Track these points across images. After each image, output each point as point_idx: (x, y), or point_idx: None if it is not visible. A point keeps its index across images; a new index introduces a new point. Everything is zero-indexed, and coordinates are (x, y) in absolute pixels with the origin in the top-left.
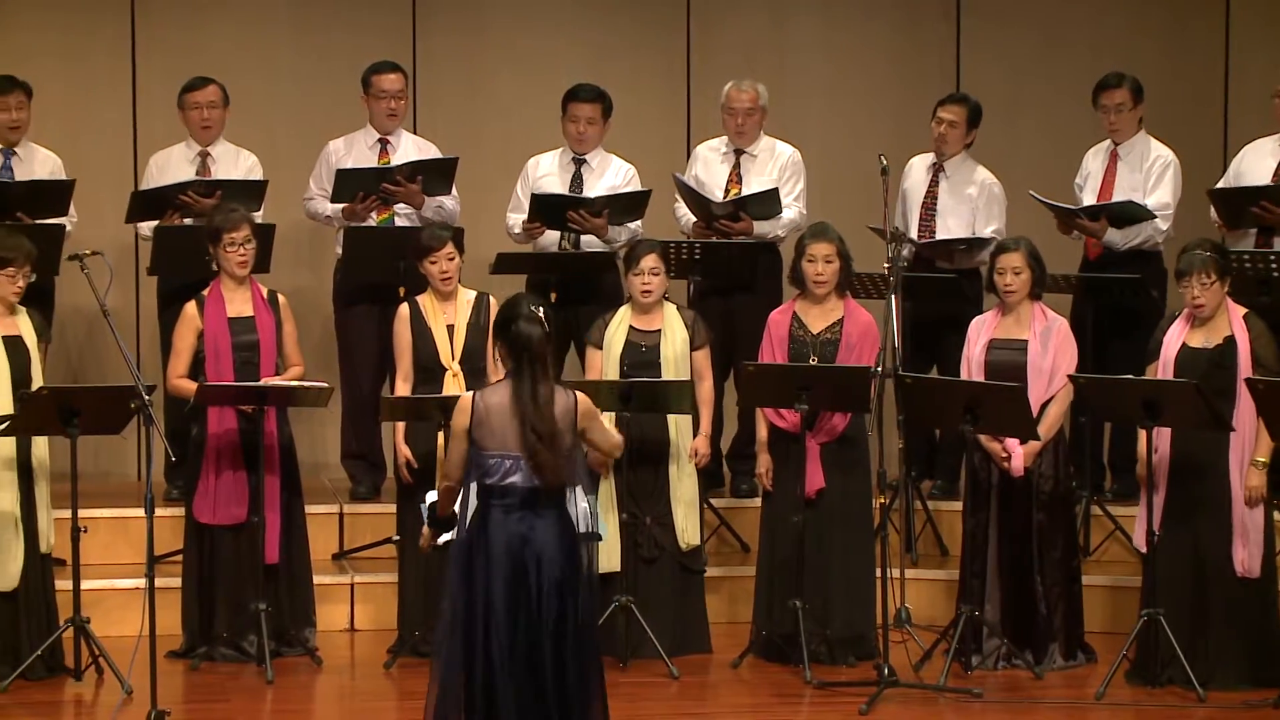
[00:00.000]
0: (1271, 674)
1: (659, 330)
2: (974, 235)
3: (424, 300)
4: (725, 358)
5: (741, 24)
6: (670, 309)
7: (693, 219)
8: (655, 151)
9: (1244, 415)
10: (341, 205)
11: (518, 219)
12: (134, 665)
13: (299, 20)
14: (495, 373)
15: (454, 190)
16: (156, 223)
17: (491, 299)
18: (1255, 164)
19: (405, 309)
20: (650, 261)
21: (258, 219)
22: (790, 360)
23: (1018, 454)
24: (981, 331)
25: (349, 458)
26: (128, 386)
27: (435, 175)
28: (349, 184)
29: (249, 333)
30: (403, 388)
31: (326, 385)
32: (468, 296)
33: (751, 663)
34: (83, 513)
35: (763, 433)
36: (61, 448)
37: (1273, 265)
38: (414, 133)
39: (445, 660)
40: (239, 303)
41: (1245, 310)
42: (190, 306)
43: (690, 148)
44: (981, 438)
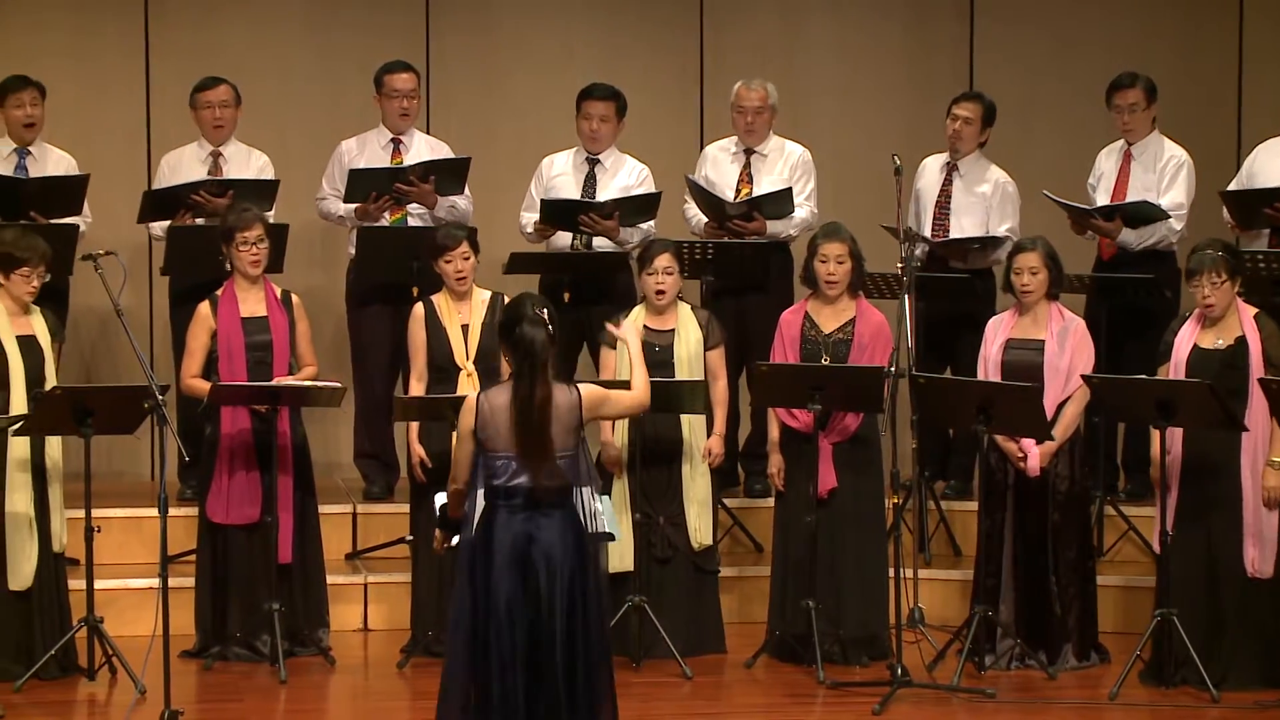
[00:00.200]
0: None
1: (673, 330)
2: (988, 234)
3: (439, 300)
4: (737, 358)
5: (754, 24)
6: (685, 309)
7: (703, 219)
8: (668, 152)
9: (1257, 415)
10: (354, 205)
11: (530, 218)
12: (147, 665)
13: (312, 20)
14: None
15: (467, 190)
16: (168, 222)
17: (506, 299)
18: (1268, 164)
19: (420, 308)
20: (664, 261)
21: (269, 219)
22: (802, 360)
23: (1034, 454)
24: (998, 331)
25: (362, 457)
26: (141, 386)
27: (448, 175)
28: (362, 184)
29: (262, 333)
30: (417, 387)
31: (340, 385)
32: (482, 296)
33: (765, 663)
34: (96, 512)
35: (774, 433)
36: (75, 447)
37: None
38: (427, 132)
39: (452, 661)
40: (252, 302)
41: (1256, 310)
42: (204, 306)
43: (703, 148)
44: (998, 438)
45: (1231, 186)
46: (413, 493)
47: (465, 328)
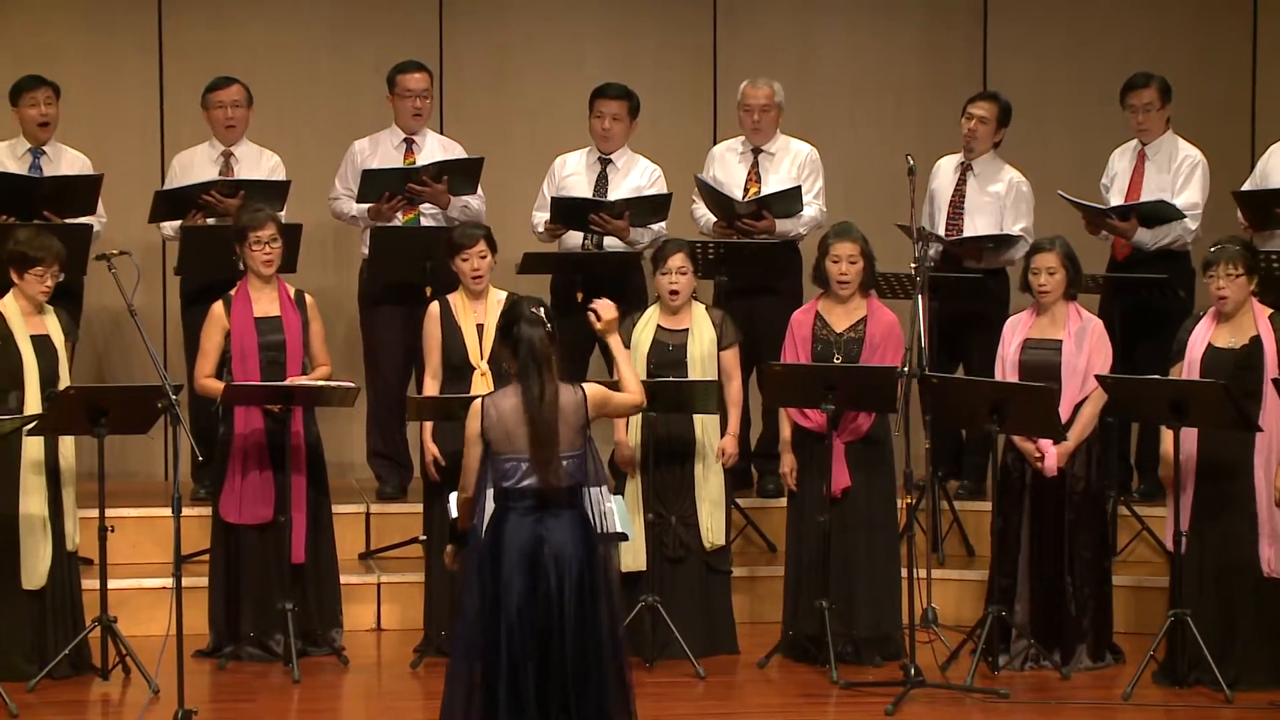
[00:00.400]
0: None
1: (686, 330)
2: (1002, 233)
3: (455, 299)
4: (747, 357)
5: (767, 24)
6: (699, 309)
7: (711, 219)
8: (681, 152)
9: (1270, 415)
10: (367, 205)
11: (542, 218)
12: (161, 664)
13: (325, 20)
14: None
15: (480, 190)
16: (179, 222)
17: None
18: None
19: (436, 307)
20: (677, 261)
21: (281, 219)
22: (814, 359)
23: (1051, 454)
24: (1016, 331)
25: (376, 457)
26: (155, 386)
27: (461, 175)
28: (374, 184)
29: (275, 332)
30: (431, 386)
31: (353, 385)
32: (498, 296)
33: (778, 663)
34: (110, 512)
35: (786, 432)
36: (88, 447)
37: None
38: (440, 132)
39: (459, 661)
40: (265, 302)
41: (1271, 311)
42: (217, 306)
43: None
44: (1015, 437)
45: (1245, 187)
46: (426, 492)
47: (480, 327)
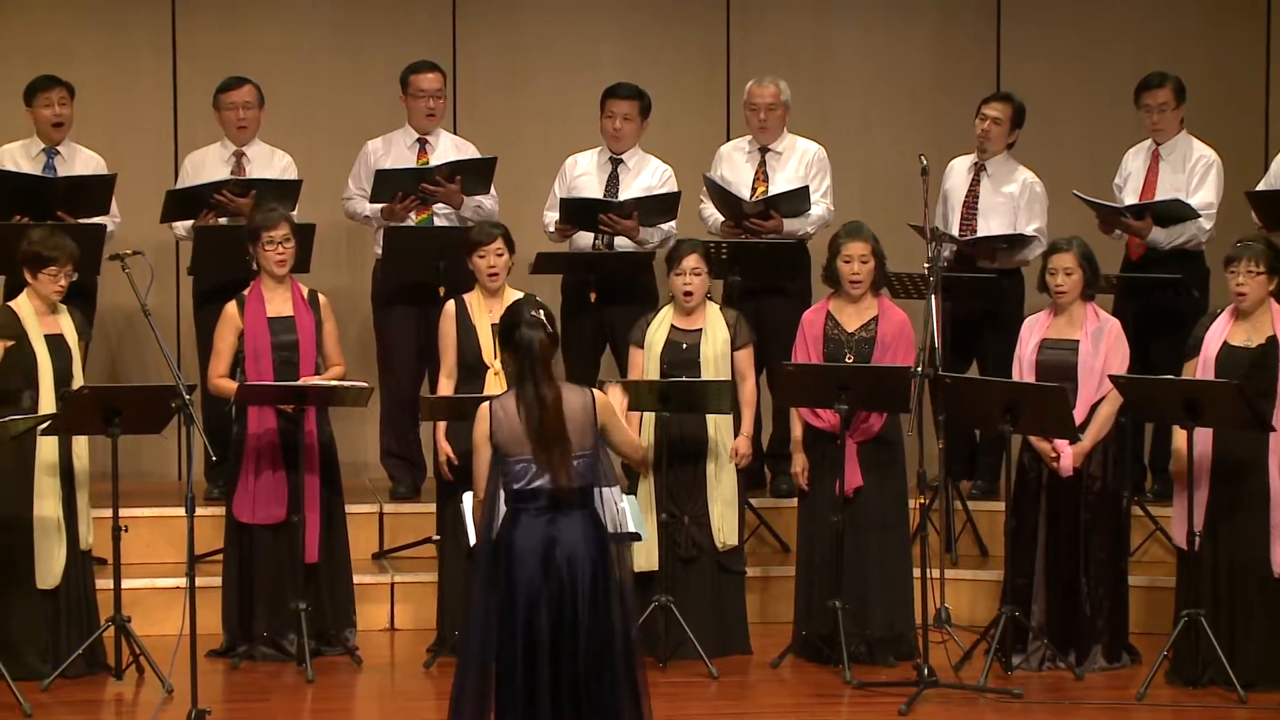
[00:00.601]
0: None
1: (700, 330)
2: (1015, 233)
3: (470, 298)
4: (758, 357)
5: (781, 25)
6: (713, 309)
7: (719, 219)
8: (692, 152)
9: None
10: (380, 205)
11: (553, 218)
12: (174, 664)
13: (338, 20)
14: None
15: (493, 190)
16: (191, 222)
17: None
18: None
19: (451, 306)
20: (692, 262)
21: (293, 218)
22: (825, 359)
23: (1067, 454)
24: (1033, 331)
25: (389, 457)
26: (168, 386)
27: (474, 175)
28: (388, 184)
29: (288, 332)
30: (445, 384)
31: (366, 385)
32: (514, 296)
33: (791, 663)
34: (123, 512)
35: (797, 432)
36: (102, 447)
37: None
38: (453, 132)
39: (471, 662)
40: (279, 302)
41: None
42: (230, 306)
43: None
44: (1031, 437)
45: (1259, 187)
46: (439, 492)
47: (495, 326)
